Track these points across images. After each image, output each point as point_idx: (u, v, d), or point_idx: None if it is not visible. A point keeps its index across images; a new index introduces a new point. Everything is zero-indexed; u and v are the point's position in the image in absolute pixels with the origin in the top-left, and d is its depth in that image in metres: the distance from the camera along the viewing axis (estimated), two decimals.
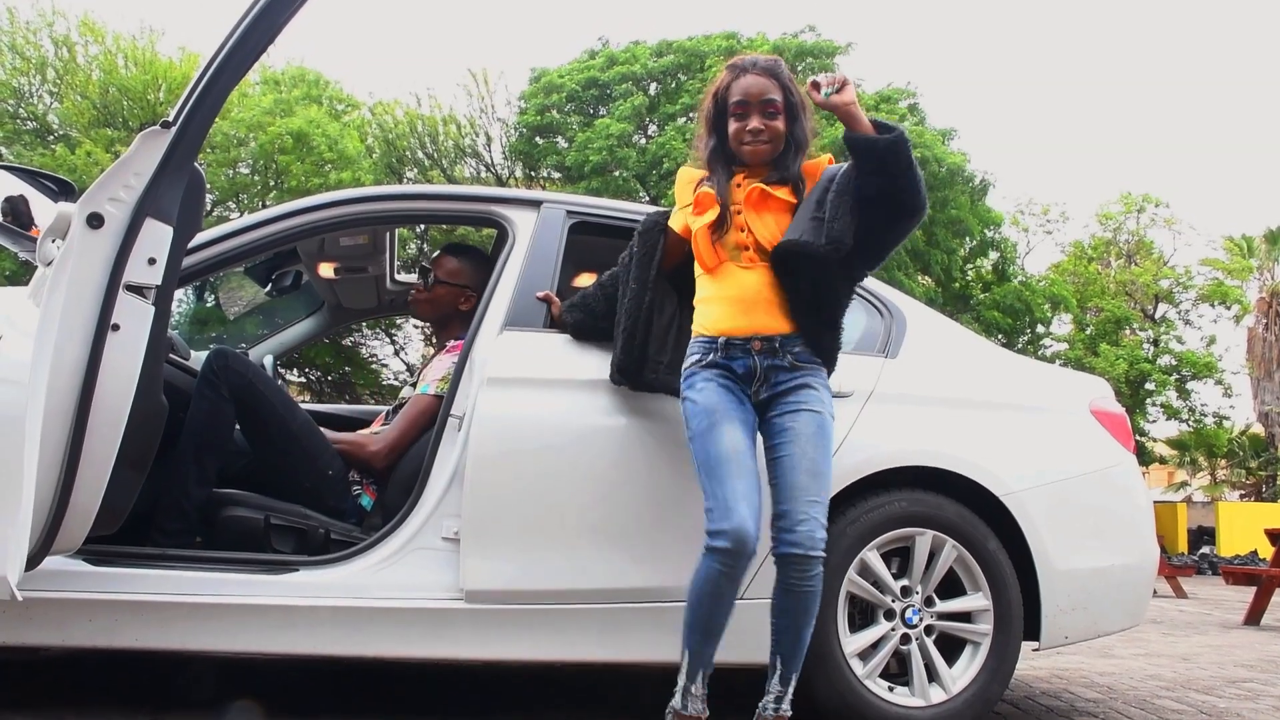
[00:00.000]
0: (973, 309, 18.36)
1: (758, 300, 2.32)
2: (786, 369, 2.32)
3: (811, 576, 2.20)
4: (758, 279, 2.34)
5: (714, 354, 2.33)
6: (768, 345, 2.31)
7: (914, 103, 18.00)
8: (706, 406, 2.29)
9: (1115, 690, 3.58)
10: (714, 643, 2.23)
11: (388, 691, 3.20)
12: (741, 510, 2.15)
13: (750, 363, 2.31)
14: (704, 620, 2.21)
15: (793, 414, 2.29)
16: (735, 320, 2.33)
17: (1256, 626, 6.83)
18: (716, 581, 2.17)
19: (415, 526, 2.54)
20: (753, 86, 2.39)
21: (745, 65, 2.43)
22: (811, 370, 2.34)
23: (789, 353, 2.32)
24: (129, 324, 2.13)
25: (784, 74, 2.42)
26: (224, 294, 4.11)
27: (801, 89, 2.39)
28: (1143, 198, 23.70)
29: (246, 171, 16.38)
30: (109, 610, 2.41)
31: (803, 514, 2.20)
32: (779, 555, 2.22)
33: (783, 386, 2.31)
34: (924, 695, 2.60)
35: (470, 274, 3.15)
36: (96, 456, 2.13)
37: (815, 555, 2.19)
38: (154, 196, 2.14)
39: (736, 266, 2.35)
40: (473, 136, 18.94)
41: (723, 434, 2.25)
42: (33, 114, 16.57)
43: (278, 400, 2.80)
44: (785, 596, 2.23)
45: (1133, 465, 2.99)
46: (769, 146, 2.40)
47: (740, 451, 2.23)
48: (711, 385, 2.31)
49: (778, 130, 2.39)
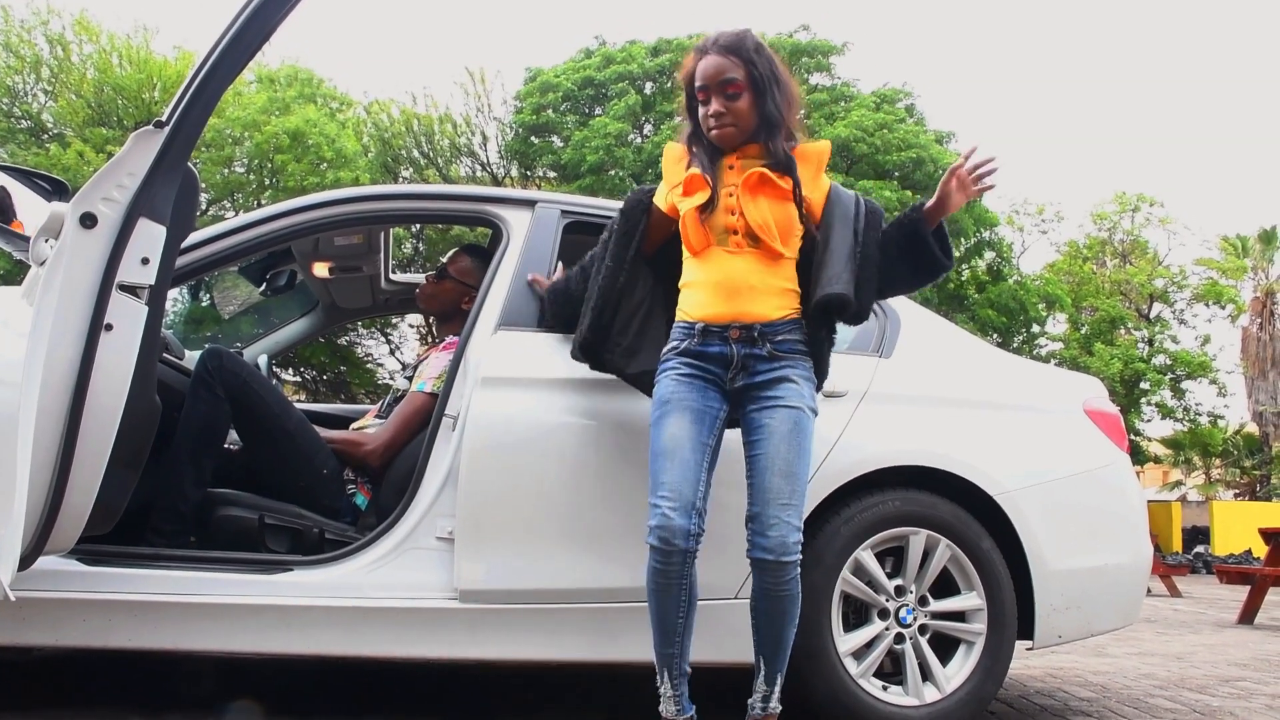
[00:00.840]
0: (968, 308, 18.38)
1: (741, 287, 2.26)
2: (765, 358, 2.25)
3: (786, 581, 2.16)
4: (744, 265, 2.27)
5: (690, 340, 2.27)
6: (746, 333, 2.25)
7: (911, 103, 18.01)
8: (661, 397, 2.27)
9: (1109, 689, 3.58)
10: (674, 642, 2.20)
11: (383, 691, 3.19)
12: (664, 507, 2.14)
13: (727, 350, 2.25)
14: (656, 619, 2.19)
15: (770, 410, 2.23)
16: (716, 306, 2.27)
17: (1250, 625, 6.85)
18: (654, 579, 2.16)
19: (410, 526, 2.54)
20: (709, 68, 2.29)
21: (705, 46, 2.33)
22: (792, 361, 2.27)
23: (769, 341, 2.25)
24: (122, 324, 2.13)
25: (746, 48, 2.30)
26: (219, 294, 4.11)
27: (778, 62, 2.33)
28: (1138, 197, 23.76)
29: (242, 170, 16.34)
30: (103, 610, 2.41)
31: (773, 518, 2.15)
32: (752, 559, 2.18)
33: (761, 377, 2.25)
34: (918, 694, 2.61)
35: (479, 275, 3.15)
36: (90, 456, 2.12)
37: (787, 560, 2.15)
38: (147, 196, 2.13)
39: (723, 251, 2.28)
40: (468, 136, 18.93)
41: (666, 427, 2.22)
42: (27, 113, 16.53)
43: (272, 399, 2.79)
44: (762, 599, 2.20)
45: (1126, 465, 2.99)
46: (733, 129, 2.30)
47: (680, 444, 2.19)
48: (672, 375, 2.27)
49: (740, 111, 2.29)
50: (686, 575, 2.16)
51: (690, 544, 2.14)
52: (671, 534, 2.12)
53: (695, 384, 2.26)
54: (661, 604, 2.17)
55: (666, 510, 2.13)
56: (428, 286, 3.25)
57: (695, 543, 2.15)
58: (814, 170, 2.37)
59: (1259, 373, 25.25)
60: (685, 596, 2.17)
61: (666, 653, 2.21)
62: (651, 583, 2.17)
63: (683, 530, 2.13)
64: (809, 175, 2.35)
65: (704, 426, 2.23)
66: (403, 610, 2.49)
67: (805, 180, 2.34)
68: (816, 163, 2.38)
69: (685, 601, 2.18)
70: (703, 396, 2.25)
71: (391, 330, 18.39)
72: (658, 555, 2.14)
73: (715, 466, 2.27)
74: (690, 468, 2.18)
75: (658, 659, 2.22)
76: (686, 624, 2.20)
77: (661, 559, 2.14)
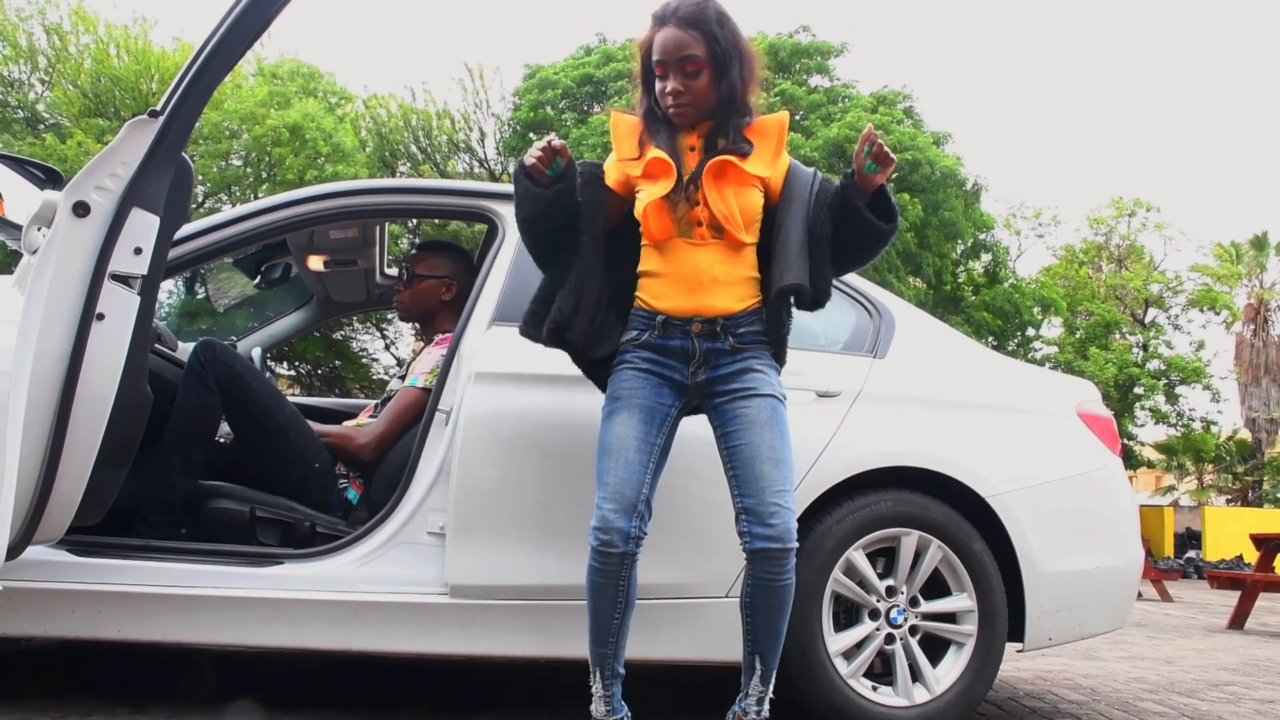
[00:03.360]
0: (963, 311, 18.40)
1: (704, 280, 2.19)
2: (727, 351, 2.20)
3: (788, 570, 2.12)
4: (707, 257, 2.19)
5: (650, 333, 2.21)
6: (708, 327, 2.19)
7: (909, 105, 18.02)
8: (613, 393, 2.23)
9: (1098, 692, 3.59)
10: (608, 642, 2.17)
11: (372, 685, 3.19)
12: (605, 509, 2.11)
13: (688, 345, 2.19)
14: (591, 618, 2.16)
15: (744, 399, 2.18)
16: (678, 300, 2.20)
17: (1240, 631, 6.87)
18: (591, 578, 2.14)
19: (401, 521, 2.54)
20: (669, 42, 2.17)
21: (665, 15, 2.19)
22: (755, 351, 2.21)
23: (731, 334, 2.19)
24: (114, 313, 2.12)
25: (708, 21, 2.17)
26: (213, 286, 4.09)
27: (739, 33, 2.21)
28: (1134, 202, 23.80)
29: (239, 164, 16.30)
30: (92, 601, 2.40)
31: (773, 506, 2.10)
32: (752, 551, 2.11)
33: (724, 370, 2.20)
34: (908, 695, 2.61)
35: (448, 265, 3.18)
36: (80, 446, 2.12)
37: (791, 547, 2.10)
38: (141, 186, 2.13)
39: (685, 243, 2.20)
40: (466, 131, 18.91)
41: (613, 425, 2.18)
42: (23, 102, 16.47)
43: (265, 392, 2.79)
44: (762, 592, 2.13)
45: (1118, 468, 3.00)
46: (691, 109, 2.21)
47: (625, 444, 2.15)
48: (628, 370, 2.22)
49: (699, 90, 2.19)
50: (624, 576, 2.13)
51: (629, 546, 2.11)
52: (611, 535, 2.10)
53: (650, 380, 2.21)
54: (598, 604, 2.15)
55: (607, 512, 2.11)
56: (403, 296, 3.19)
57: (635, 545, 2.12)
58: (774, 145, 2.26)
59: (1252, 379, 25.34)
60: (622, 598, 2.14)
61: (600, 652, 2.18)
62: (589, 581, 2.15)
63: (622, 532, 2.10)
64: (769, 151, 2.25)
65: (653, 425, 2.19)
66: (393, 605, 2.49)
67: (765, 157, 2.24)
68: (777, 137, 2.26)
69: (622, 602, 2.15)
70: (655, 393, 2.20)
71: (387, 325, 18.34)
72: (596, 556, 2.12)
73: (665, 463, 2.24)
74: (634, 469, 2.14)
75: (591, 657, 2.20)
76: (622, 625, 2.17)
77: (600, 560, 2.12)
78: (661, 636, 2.54)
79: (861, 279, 3.02)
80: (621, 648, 2.20)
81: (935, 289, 17.71)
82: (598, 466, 2.17)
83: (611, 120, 2.36)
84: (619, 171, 2.28)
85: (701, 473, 2.41)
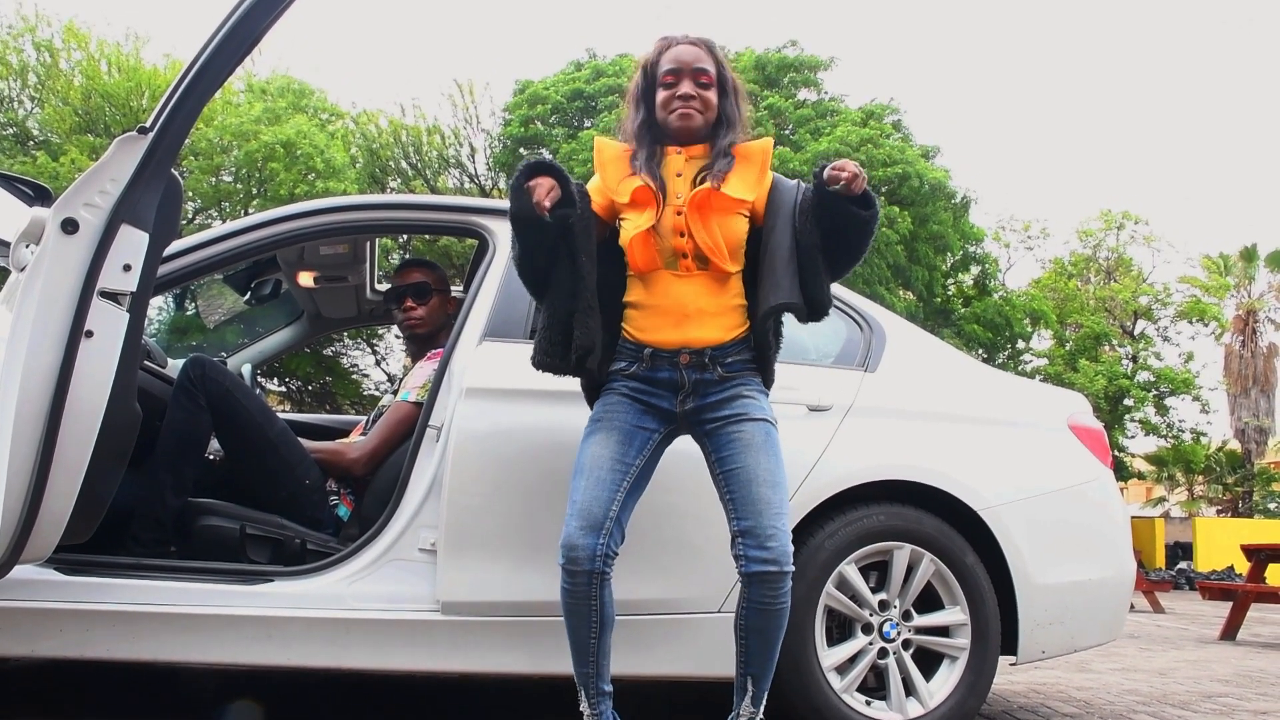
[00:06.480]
0: (953, 323, 18.46)
1: (690, 311, 2.20)
2: (715, 381, 2.20)
3: (784, 593, 2.11)
4: (693, 289, 2.21)
5: (638, 365, 2.22)
6: (696, 359, 2.20)
7: (898, 119, 18.11)
8: (595, 414, 2.25)
9: (1092, 705, 3.58)
10: (588, 661, 2.15)
11: (362, 702, 3.17)
12: (571, 525, 2.11)
13: (676, 376, 2.21)
14: (570, 638, 2.16)
15: (736, 423, 2.19)
16: (664, 333, 2.21)
17: (1233, 642, 6.87)
18: (563, 598, 2.14)
19: (392, 537, 2.53)
20: (685, 54, 2.27)
21: (675, 38, 2.32)
22: (743, 379, 2.22)
23: (719, 365, 2.20)
24: (103, 330, 2.11)
25: (715, 48, 2.32)
26: (203, 302, 4.08)
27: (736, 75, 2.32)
28: (1122, 215, 23.91)
29: (230, 180, 16.29)
30: (80, 620, 2.38)
31: (771, 529, 2.10)
32: (749, 574, 2.10)
33: (713, 398, 2.21)
34: (901, 709, 2.60)
35: (442, 280, 3.28)
36: (68, 464, 2.10)
37: (788, 570, 2.10)
38: (130, 202, 2.12)
39: (671, 274, 2.21)
40: (456, 147, 18.94)
41: (589, 446, 2.19)
42: (12, 120, 16.44)
43: (255, 409, 2.78)
44: (758, 616, 2.12)
45: (1110, 480, 3.00)
46: (700, 116, 2.26)
47: (599, 463, 2.15)
48: (613, 395, 2.23)
49: (710, 100, 2.26)
50: (595, 595, 2.11)
51: (597, 565, 2.09)
52: (576, 552, 2.09)
53: (634, 405, 2.22)
54: (572, 623, 2.14)
55: (573, 529, 2.11)
56: (419, 313, 3.17)
57: (603, 564, 2.11)
58: (758, 170, 2.27)
59: (1241, 390, 25.46)
60: (596, 617, 2.13)
61: (582, 671, 2.17)
62: (562, 601, 2.14)
63: (588, 549, 2.09)
64: (753, 176, 2.26)
65: (631, 446, 2.19)
66: (384, 622, 2.47)
67: (749, 182, 2.24)
68: (761, 162, 2.27)
69: (597, 622, 2.13)
70: (638, 417, 2.21)
71: (377, 341, 18.33)
72: (565, 575, 2.12)
73: (645, 485, 2.23)
74: (604, 487, 2.14)
75: (576, 677, 2.19)
76: (600, 644, 2.16)
77: (569, 579, 2.12)
78: (654, 652, 2.53)
79: (852, 292, 3.03)
80: (605, 666, 2.18)
81: (925, 302, 17.76)
82: (570, 485, 2.17)
83: (596, 146, 2.38)
84: (602, 196, 2.29)
85: (693, 489, 2.41)
